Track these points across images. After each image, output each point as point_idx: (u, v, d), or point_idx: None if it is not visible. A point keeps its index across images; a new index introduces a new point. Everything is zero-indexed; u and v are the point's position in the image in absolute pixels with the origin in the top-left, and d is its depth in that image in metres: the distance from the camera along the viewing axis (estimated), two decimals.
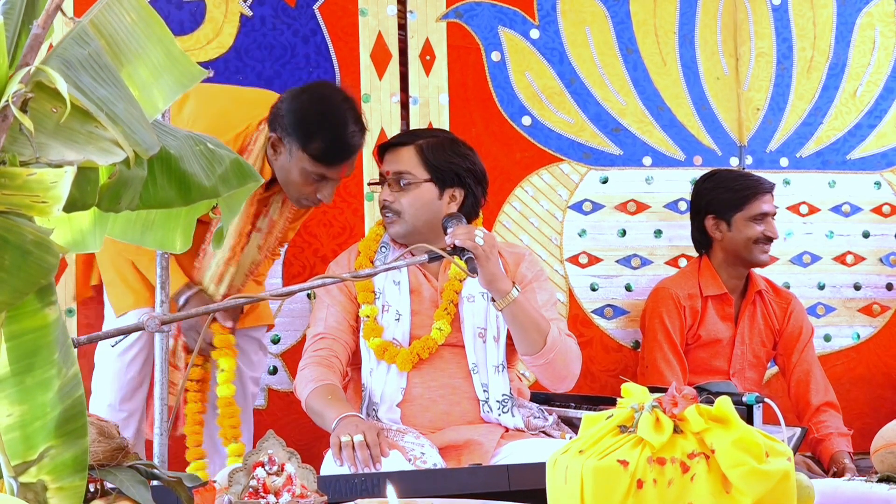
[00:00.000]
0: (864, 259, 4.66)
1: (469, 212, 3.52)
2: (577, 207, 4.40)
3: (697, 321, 4.24)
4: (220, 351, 3.57)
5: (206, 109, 3.54)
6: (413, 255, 3.25)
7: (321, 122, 3.43)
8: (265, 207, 3.64)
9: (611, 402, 3.10)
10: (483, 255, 3.27)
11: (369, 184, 3.92)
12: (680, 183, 4.49)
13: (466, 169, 3.51)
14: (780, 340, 4.35)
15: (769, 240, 4.24)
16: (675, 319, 4.21)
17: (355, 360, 3.52)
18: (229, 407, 3.58)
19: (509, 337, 3.47)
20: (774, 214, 4.27)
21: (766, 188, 4.26)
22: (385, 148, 3.59)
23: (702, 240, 4.31)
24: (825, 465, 4.17)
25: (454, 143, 3.55)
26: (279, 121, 3.46)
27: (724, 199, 4.24)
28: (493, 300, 3.35)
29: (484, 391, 3.41)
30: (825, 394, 4.29)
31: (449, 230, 3.38)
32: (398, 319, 3.45)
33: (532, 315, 3.38)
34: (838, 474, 4.00)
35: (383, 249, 3.55)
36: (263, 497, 2.18)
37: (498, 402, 3.41)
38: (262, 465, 2.22)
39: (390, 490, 2.03)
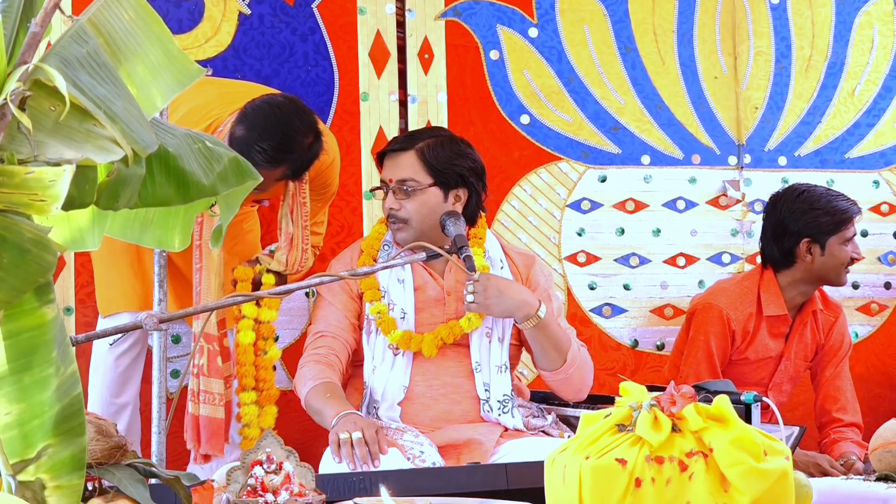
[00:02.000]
0: (862, 258, 4.66)
1: (473, 210, 3.52)
2: (576, 206, 4.40)
3: (747, 341, 4.16)
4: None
5: (190, 97, 3.52)
6: (412, 253, 3.25)
7: (251, 121, 3.39)
8: (278, 223, 3.64)
9: (609, 401, 3.10)
10: (483, 304, 3.33)
11: (371, 190, 3.92)
12: (678, 182, 4.49)
13: (468, 168, 3.50)
14: (820, 353, 4.29)
15: (854, 261, 4.18)
16: (721, 341, 4.10)
17: (356, 358, 3.52)
18: (245, 355, 3.54)
19: (513, 337, 3.48)
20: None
21: (856, 210, 4.18)
22: (383, 154, 3.57)
23: (783, 260, 4.17)
24: None
25: (453, 143, 3.53)
26: None
27: (821, 222, 4.11)
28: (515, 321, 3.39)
29: (485, 391, 3.41)
30: (853, 414, 4.23)
31: (448, 228, 3.38)
32: (403, 318, 3.45)
33: (555, 333, 3.41)
34: (846, 466, 3.99)
35: (386, 248, 3.54)
36: (262, 495, 2.18)
37: (499, 402, 3.41)
38: (261, 464, 2.22)
39: (384, 492, 2.03)
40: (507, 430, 3.40)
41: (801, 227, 4.13)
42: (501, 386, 3.42)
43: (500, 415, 3.40)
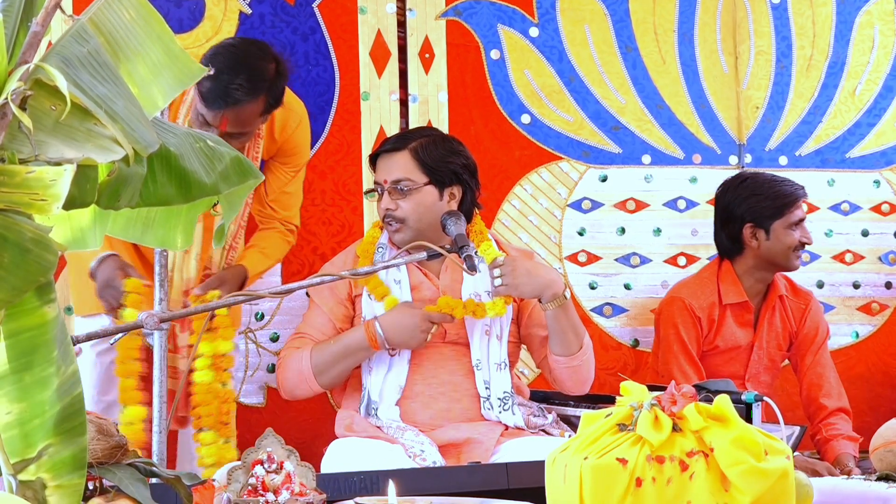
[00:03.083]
0: (863, 258, 4.66)
1: (469, 207, 3.52)
2: (577, 206, 4.40)
3: (714, 330, 4.17)
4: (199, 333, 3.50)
5: None
6: (409, 254, 3.25)
7: (215, 62, 3.42)
8: None
9: (610, 401, 3.10)
10: (513, 284, 3.34)
11: (365, 192, 3.92)
12: (679, 181, 4.49)
13: (462, 165, 3.51)
14: (795, 341, 4.31)
15: (804, 245, 4.19)
16: (691, 330, 4.14)
17: None
18: (205, 395, 3.52)
19: (511, 335, 3.49)
20: (806, 218, 4.21)
21: (801, 194, 4.19)
22: (376, 156, 3.57)
23: (732, 247, 4.21)
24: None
25: (446, 141, 3.54)
26: None
27: (762, 206, 4.14)
28: (540, 300, 3.39)
29: (486, 388, 3.42)
30: (838, 399, 4.23)
31: (449, 228, 3.38)
32: None
33: (575, 316, 3.45)
34: (844, 474, 3.98)
35: (381, 250, 3.55)
36: (262, 495, 2.19)
37: (499, 399, 3.41)
38: (261, 463, 2.22)
39: (391, 491, 2.03)
40: (507, 428, 3.40)
41: (744, 212, 4.17)
42: (501, 383, 3.42)
43: (500, 412, 3.40)
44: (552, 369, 3.49)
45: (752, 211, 4.16)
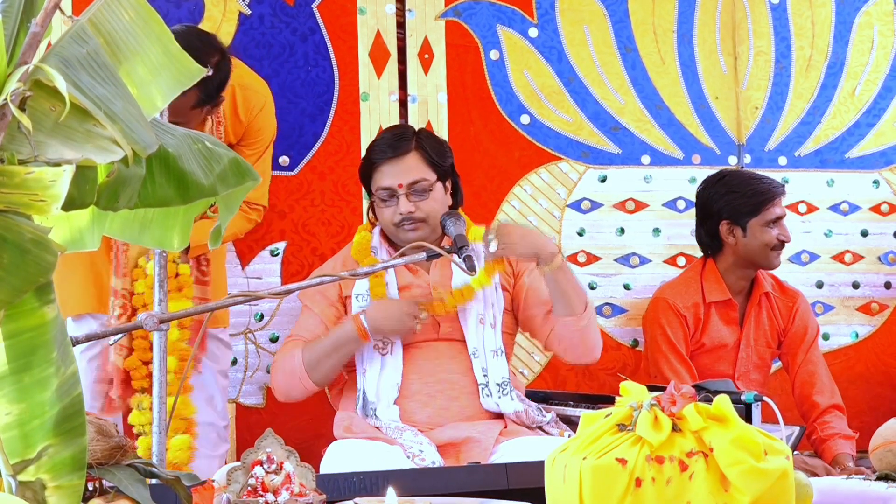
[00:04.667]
0: (862, 258, 4.66)
1: (460, 200, 3.58)
2: (576, 206, 4.40)
3: (700, 329, 4.19)
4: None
5: None
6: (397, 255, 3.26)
7: None
8: None
9: (609, 401, 3.10)
10: (509, 245, 3.35)
11: (372, 201, 3.91)
12: (679, 182, 4.49)
13: (452, 157, 3.59)
14: (784, 340, 4.31)
15: (783, 243, 4.20)
16: (678, 329, 4.15)
17: (349, 364, 3.52)
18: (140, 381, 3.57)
19: (505, 325, 3.51)
20: (785, 216, 4.23)
21: (779, 192, 4.20)
22: (377, 162, 3.52)
23: (711, 244, 4.23)
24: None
25: (435, 137, 3.64)
26: None
27: (738, 204, 4.16)
28: (538, 265, 3.41)
29: (484, 375, 3.43)
30: (831, 396, 4.24)
31: (449, 228, 3.38)
32: None
33: (574, 276, 3.49)
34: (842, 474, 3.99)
35: (374, 253, 3.56)
36: (262, 496, 2.19)
37: (497, 385, 3.43)
38: (261, 464, 2.22)
39: (391, 493, 2.03)
40: (506, 426, 3.40)
41: (721, 209, 4.19)
42: (499, 369, 3.44)
43: (499, 398, 3.41)
44: (561, 337, 3.48)
45: (729, 208, 4.18)
